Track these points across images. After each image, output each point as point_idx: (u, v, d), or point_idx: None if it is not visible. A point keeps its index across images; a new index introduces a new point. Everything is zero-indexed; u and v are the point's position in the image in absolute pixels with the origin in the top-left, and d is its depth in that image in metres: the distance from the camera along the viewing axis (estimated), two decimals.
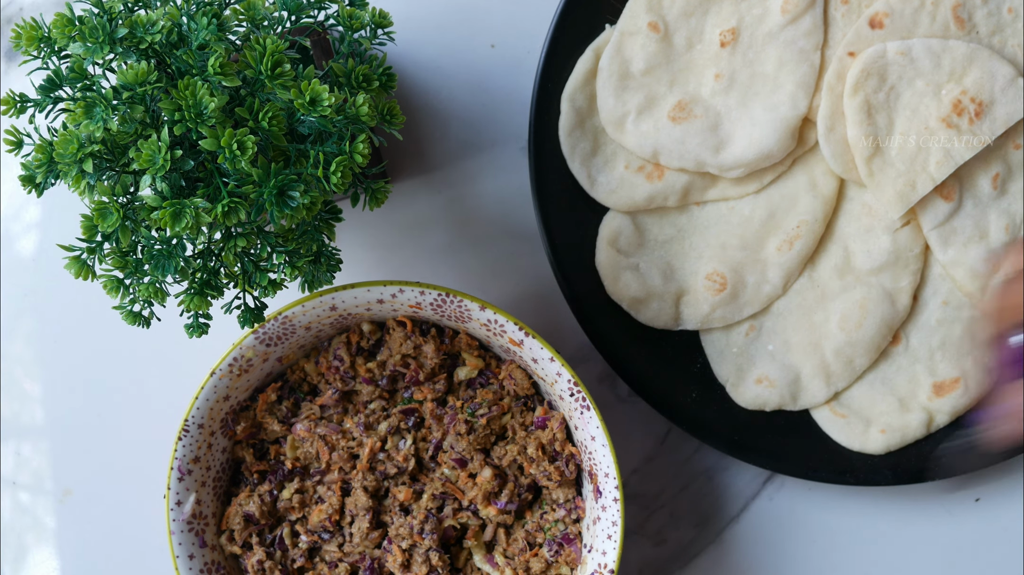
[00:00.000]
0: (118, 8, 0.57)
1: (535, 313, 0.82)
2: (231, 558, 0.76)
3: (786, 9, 0.74)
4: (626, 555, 0.82)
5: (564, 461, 0.74)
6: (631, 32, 0.76)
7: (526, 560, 0.74)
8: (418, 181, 0.82)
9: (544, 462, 0.74)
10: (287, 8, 0.62)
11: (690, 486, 0.82)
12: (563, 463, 0.74)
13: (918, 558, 0.82)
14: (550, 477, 0.74)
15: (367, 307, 0.73)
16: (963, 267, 0.76)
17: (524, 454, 0.74)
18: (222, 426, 0.75)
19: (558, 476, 0.74)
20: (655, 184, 0.77)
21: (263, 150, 0.58)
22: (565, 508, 0.75)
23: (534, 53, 0.81)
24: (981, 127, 0.74)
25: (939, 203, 0.75)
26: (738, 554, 0.82)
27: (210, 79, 0.56)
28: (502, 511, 0.74)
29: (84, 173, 0.56)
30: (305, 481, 0.76)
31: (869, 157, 0.74)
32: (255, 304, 0.65)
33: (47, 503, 0.83)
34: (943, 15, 0.74)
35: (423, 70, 0.82)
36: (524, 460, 0.74)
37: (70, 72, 0.56)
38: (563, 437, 0.74)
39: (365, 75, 0.62)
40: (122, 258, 0.59)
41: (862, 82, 0.74)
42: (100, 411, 0.83)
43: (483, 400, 0.75)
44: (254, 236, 0.61)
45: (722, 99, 0.76)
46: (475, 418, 0.74)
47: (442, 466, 0.75)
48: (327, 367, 0.76)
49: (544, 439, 0.74)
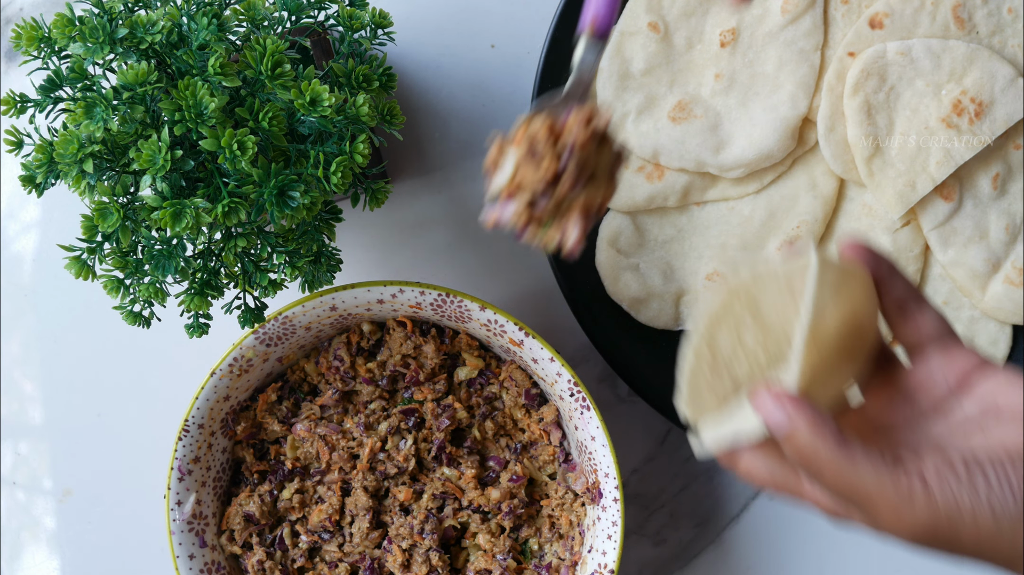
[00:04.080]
0: (118, 8, 0.57)
1: (535, 313, 0.82)
2: (231, 558, 0.76)
3: (786, 9, 0.74)
4: (626, 555, 0.82)
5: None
6: (631, 32, 0.76)
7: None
8: (418, 181, 0.82)
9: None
10: (287, 8, 0.62)
11: (690, 486, 0.82)
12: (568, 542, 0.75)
13: (918, 558, 0.82)
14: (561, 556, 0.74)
15: (367, 307, 0.73)
16: (963, 267, 0.76)
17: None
18: (222, 426, 0.75)
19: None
20: (655, 184, 0.77)
21: (263, 150, 0.58)
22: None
23: (534, 53, 0.81)
24: (981, 127, 0.74)
25: (939, 203, 0.75)
26: (738, 554, 0.82)
27: (210, 79, 0.56)
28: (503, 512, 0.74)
29: (84, 173, 0.56)
30: (305, 481, 0.76)
31: (869, 157, 0.74)
32: (255, 304, 0.65)
33: (47, 503, 0.83)
34: (943, 15, 0.74)
35: (423, 70, 0.82)
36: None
37: (70, 72, 0.56)
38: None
39: (365, 75, 0.62)
40: (122, 258, 0.59)
41: (862, 82, 0.74)
42: (100, 411, 0.83)
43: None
44: (254, 236, 0.61)
45: (722, 99, 0.76)
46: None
47: (442, 466, 0.75)
48: (327, 367, 0.76)
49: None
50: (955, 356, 0.49)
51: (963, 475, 0.43)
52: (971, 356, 0.49)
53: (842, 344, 0.47)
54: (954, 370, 0.48)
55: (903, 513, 0.43)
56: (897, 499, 0.43)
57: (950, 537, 0.43)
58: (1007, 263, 0.76)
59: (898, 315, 0.50)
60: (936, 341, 0.49)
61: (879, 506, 0.43)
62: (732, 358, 0.50)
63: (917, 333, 0.50)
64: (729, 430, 0.48)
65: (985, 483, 0.43)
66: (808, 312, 0.45)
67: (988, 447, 0.46)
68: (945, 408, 0.48)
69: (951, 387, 0.48)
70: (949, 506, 0.42)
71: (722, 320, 0.49)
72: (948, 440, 0.48)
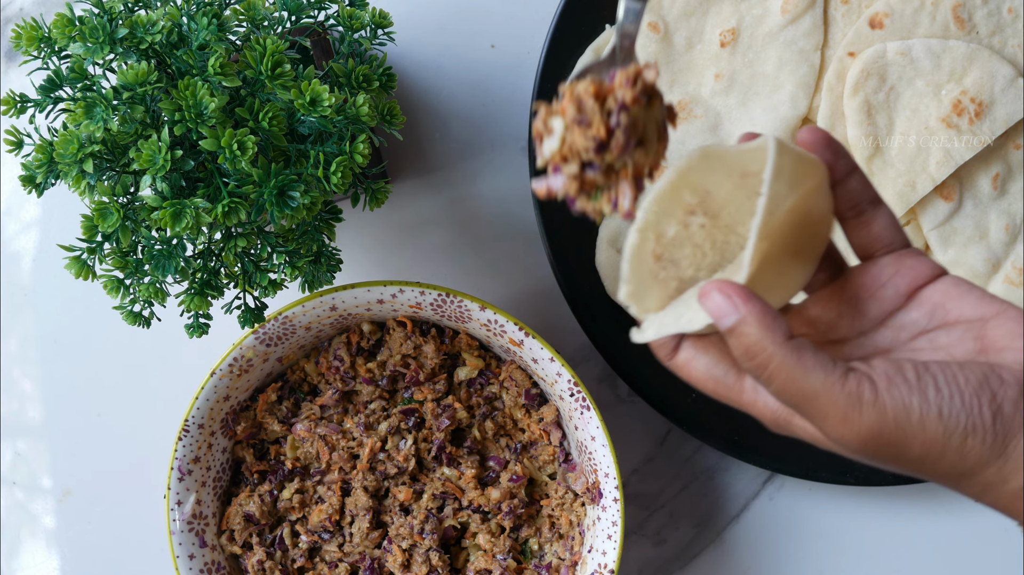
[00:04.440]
0: (118, 8, 0.57)
1: (535, 313, 0.82)
2: (231, 558, 0.76)
3: (786, 9, 0.74)
4: (626, 555, 0.82)
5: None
6: None
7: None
8: (418, 181, 0.82)
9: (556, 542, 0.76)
10: (287, 8, 0.62)
11: (690, 486, 0.82)
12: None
13: (918, 558, 0.82)
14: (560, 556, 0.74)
15: (367, 307, 0.73)
16: (963, 267, 0.76)
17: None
18: (222, 426, 0.75)
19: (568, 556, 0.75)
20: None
21: (263, 150, 0.58)
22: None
23: (534, 53, 0.81)
24: (981, 127, 0.74)
25: (939, 203, 0.75)
26: (738, 554, 0.82)
27: (210, 79, 0.56)
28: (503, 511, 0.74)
29: (84, 173, 0.56)
30: (305, 481, 0.76)
31: (869, 157, 0.74)
32: (255, 304, 0.65)
33: (46, 503, 0.83)
34: (943, 15, 0.74)
35: (423, 70, 0.82)
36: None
37: (70, 72, 0.56)
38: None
39: (365, 75, 0.62)
40: (122, 258, 0.59)
41: (862, 82, 0.74)
42: (100, 411, 0.83)
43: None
44: (254, 236, 0.61)
45: (722, 99, 0.76)
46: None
47: (442, 466, 0.75)
48: (327, 367, 0.76)
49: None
50: (908, 264, 0.47)
51: (913, 381, 0.42)
52: (923, 265, 0.47)
53: (794, 241, 0.45)
54: (905, 280, 0.47)
55: (850, 417, 0.42)
56: (846, 402, 0.42)
57: (897, 443, 0.42)
58: (1007, 263, 0.76)
59: (853, 216, 0.48)
60: (888, 247, 0.48)
61: (826, 409, 0.42)
62: (678, 248, 0.48)
63: (870, 238, 0.48)
64: (671, 321, 0.46)
65: (935, 390, 0.42)
66: (764, 203, 0.43)
67: (937, 356, 0.45)
68: (894, 318, 0.47)
69: (901, 296, 0.47)
70: (898, 410, 0.42)
71: (670, 206, 0.47)
72: (897, 349, 0.46)
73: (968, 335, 0.45)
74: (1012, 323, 0.44)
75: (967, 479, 0.43)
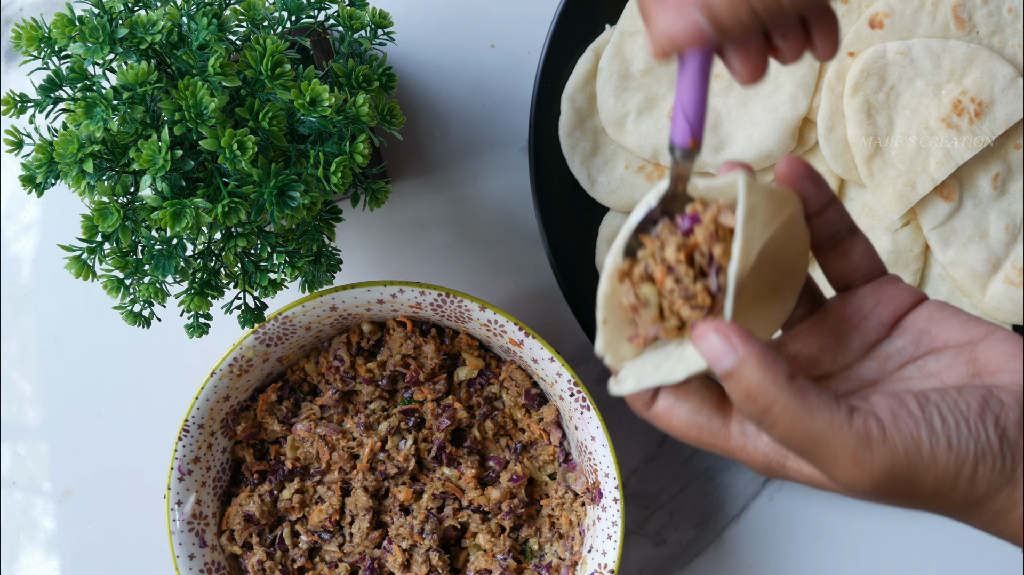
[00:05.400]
0: (118, 8, 0.57)
1: (535, 313, 0.82)
2: (231, 558, 0.76)
3: None
4: (626, 555, 0.82)
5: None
6: (631, 32, 0.76)
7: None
8: (418, 181, 0.82)
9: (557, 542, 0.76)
10: (287, 8, 0.62)
11: (690, 486, 0.82)
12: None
13: (918, 558, 0.82)
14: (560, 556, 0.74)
15: (367, 307, 0.73)
16: (963, 267, 0.76)
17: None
18: (222, 426, 0.75)
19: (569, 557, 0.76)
20: (655, 184, 0.77)
21: (263, 150, 0.58)
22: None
23: (534, 53, 0.81)
24: (981, 127, 0.74)
25: (939, 203, 0.75)
26: (738, 554, 0.82)
27: (210, 79, 0.56)
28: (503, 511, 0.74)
29: (84, 173, 0.56)
30: (305, 481, 0.76)
31: (869, 157, 0.74)
32: (255, 304, 0.65)
33: (46, 503, 0.83)
34: (943, 15, 0.74)
35: (423, 70, 0.82)
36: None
37: (70, 72, 0.56)
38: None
39: (365, 75, 0.62)
40: (122, 258, 0.59)
41: (862, 82, 0.74)
42: (100, 411, 0.83)
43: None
44: (254, 236, 0.61)
45: (722, 99, 0.76)
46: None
47: (442, 466, 0.75)
48: (327, 367, 0.76)
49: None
50: (888, 292, 0.46)
51: (917, 413, 0.41)
52: (904, 291, 0.46)
53: (772, 276, 0.44)
54: (888, 308, 0.46)
55: (861, 458, 0.40)
56: (855, 443, 0.40)
57: (910, 479, 0.40)
58: (1007, 263, 0.76)
59: (831, 246, 0.47)
60: (867, 276, 0.47)
61: (836, 452, 0.40)
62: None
63: (848, 267, 0.47)
64: (650, 371, 0.44)
65: (940, 419, 0.40)
66: (739, 245, 0.41)
67: (928, 383, 0.44)
68: (878, 348, 0.46)
69: (884, 326, 0.46)
70: (908, 445, 0.40)
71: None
72: (884, 380, 0.45)
73: (959, 359, 0.44)
74: (1004, 343, 0.43)
75: (977, 509, 0.42)
